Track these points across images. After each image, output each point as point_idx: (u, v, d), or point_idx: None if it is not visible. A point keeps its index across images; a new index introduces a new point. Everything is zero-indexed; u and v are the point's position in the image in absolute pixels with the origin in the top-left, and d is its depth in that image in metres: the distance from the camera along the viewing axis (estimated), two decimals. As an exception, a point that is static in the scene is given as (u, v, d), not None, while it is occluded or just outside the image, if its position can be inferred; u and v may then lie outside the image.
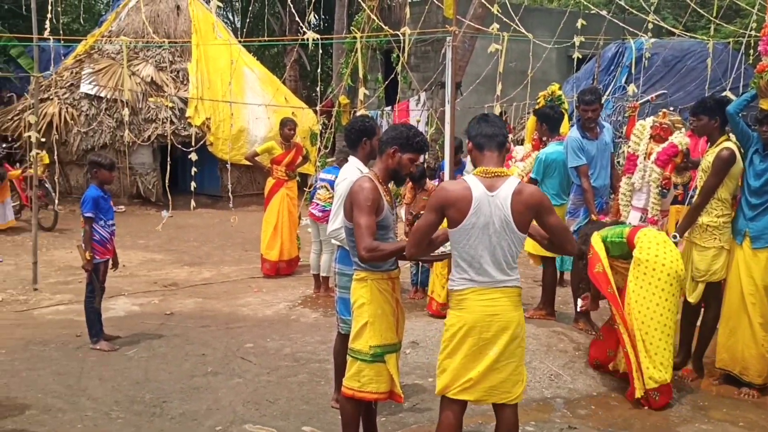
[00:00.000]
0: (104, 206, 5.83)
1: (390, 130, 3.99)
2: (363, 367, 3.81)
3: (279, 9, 21.35)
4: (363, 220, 3.67)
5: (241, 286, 8.39)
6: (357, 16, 11.04)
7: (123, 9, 15.42)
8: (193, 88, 14.21)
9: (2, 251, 9.68)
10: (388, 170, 3.90)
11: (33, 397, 4.81)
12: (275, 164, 8.73)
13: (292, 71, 18.85)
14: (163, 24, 14.99)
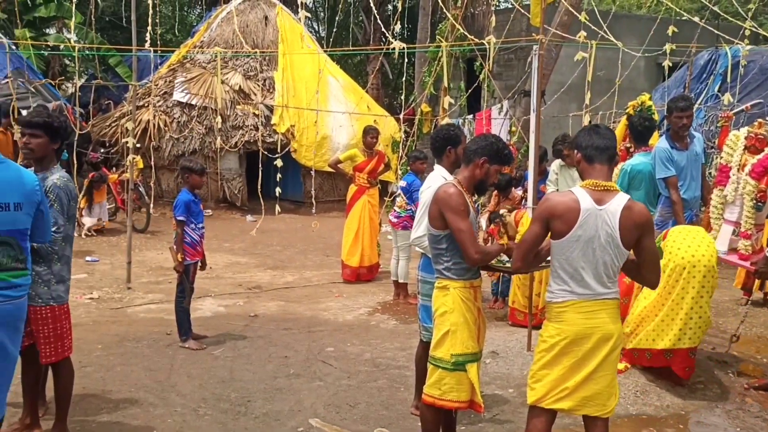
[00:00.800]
0: (195, 210, 6.06)
1: (479, 140, 4.00)
2: (444, 375, 3.82)
3: (363, 18, 21.65)
4: (463, 224, 3.70)
5: (323, 290, 8.54)
6: (441, 25, 11.06)
7: (214, 20, 15.99)
8: (278, 96, 14.58)
9: (99, 251, 10.17)
10: (475, 180, 3.91)
11: (126, 392, 5.04)
12: (357, 171, 8.85)
13: (374, 80, 19.05)
14: (252, 34, 15.46)
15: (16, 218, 3.32)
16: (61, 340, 4.10)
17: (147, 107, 13.94)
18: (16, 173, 3.38)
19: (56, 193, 3.94)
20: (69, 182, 4.05)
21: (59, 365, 4.15)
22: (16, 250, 3.33)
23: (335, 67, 16.52)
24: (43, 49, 16.02)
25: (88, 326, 6.54)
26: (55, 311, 4.06)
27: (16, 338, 3.43)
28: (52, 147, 4.05)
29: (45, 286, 4.00)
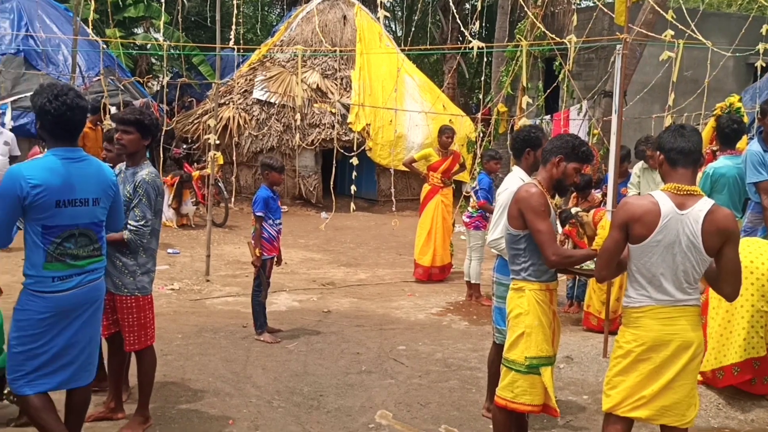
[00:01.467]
0: (273, 206, 6.19)
1: (555, 139, 3.93)
2: (517, 378, 3.77)
3: (440, 17, 21.59)
4: (543, 225, 3.65)
5: (395, 289, 8.57)
6: (520, 24, 10.92)
7: (294, 19, 16.27)
8: (355, 95, 14.71)
9: (179, 244, 10.51)
10: (552, 180, 3.83)
11: (204, 381, 5.19)
12: (431, 171, 8.84)
13: (451, 79, 18.98)
14: (331, 33, 15.64)
15: (94, 212, 3.49)
16: (144, 329, 4.26)
17: (228, 105, 14.31)
18: (96, 169, 3.55)
19: (144, 188, 4.10)
20: (156, 178, 4.21)
21: (142, 353, 4.31)
22: (92, 240, 3.50)
23: (412, 66, 16.55)
24: (131, 48, 16.66)
25: (169, 316, 6.77)
26: (140, 301, 4.22)
27: (97, 315, 3.62)
28: (142, 143, 4.22)
29: (131, 277, 4.16)
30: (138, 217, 4.08)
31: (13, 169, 3.33)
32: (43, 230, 3.32)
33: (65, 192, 3.33)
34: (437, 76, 22.86)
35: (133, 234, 4.07)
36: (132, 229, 4.07)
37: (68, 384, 3.53)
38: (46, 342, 3.37)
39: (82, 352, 3.51)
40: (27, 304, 3.36)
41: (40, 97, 3.33)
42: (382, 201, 14.74)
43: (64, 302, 3.39)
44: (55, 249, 3.34)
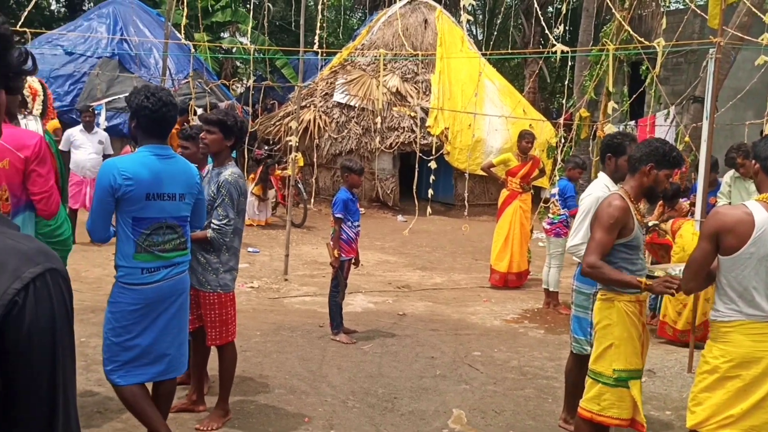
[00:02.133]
0: (352, 208, 6.25)
1: (642, 146, 3.80)
2: (604, 390, 3.67)
3: (522, 21, 21.35)
4: (598, 235, 3.58)
5: (470, 294, 8.51)
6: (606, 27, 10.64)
7: (375, 23, 16.41)
8: (434, 98, 14.71)
9: (259, 244, 10.75)
10: (643, 188, 3.72)
11: (281, 378, 5.30)
12: (510, 176, 8.74)
13: (532, 83, 18.73)
14: (411, 37, 15.71)
15: (179, 207, 3.64)
16: (225, 326, 4.38)
17: (309, 107, 14.56)
18: (183, 167, 3.71)
19: (227, 188, 4.21)
20: (240, 178, 4.32)
21: (223, 348, 4.43)
22: (178, 234, 3.64)
23: (492, 70, 16.42)
24: (218, 51, 17.18)
25: (248, 313, 6.94)
26: (222, 298, 4.34)
27: (184, 308, 3.76)
28: (225, 143, 4.33)
29: (214, 274, 4.29)
30: (221, 216, 4.19)
31: (108, 162, 3.54)
32: (134, 222, 3.49)
33: (155, 186, 3.49)
34: (518, 80, 22.62)
35: (216, 233, 4.19)
36: (215, 228, 4.19)
37: (163, 375, 3.68)
38: (138, 333, 3.52)
39: (173, 344, 3.66)
40: (119, 296, 3.52)
41: (137, 96, 3.50)
42: (459, 205, 14.67)
43: (152, 294, 3.54)
44: (144, 240, 3.50)
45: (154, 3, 18.13)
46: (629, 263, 3.65)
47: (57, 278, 1.08)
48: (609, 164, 4.44)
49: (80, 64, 13.99)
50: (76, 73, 13.76)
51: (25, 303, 1.03)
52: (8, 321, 1.02)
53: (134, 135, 3.65)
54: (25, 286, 1.03)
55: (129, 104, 3.55)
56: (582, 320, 4.48)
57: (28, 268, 1.05)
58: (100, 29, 14.55)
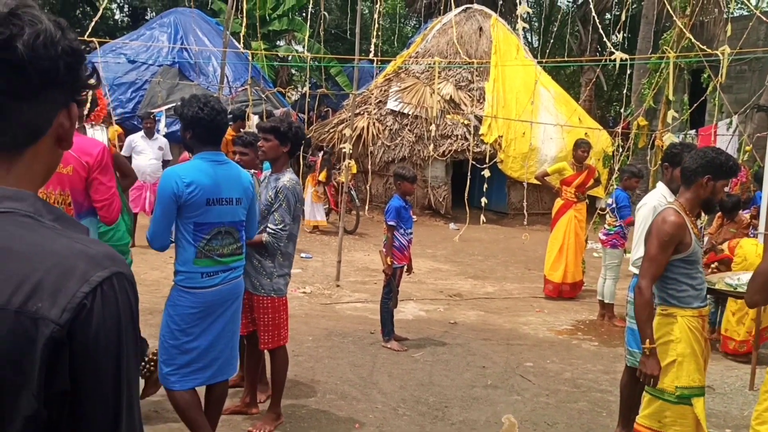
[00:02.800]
0: (405, 216, 6.26)
1: (697, 158, 3.67)
2: (666, 408, 3.57)
3: (579, 28, 21.07)
4: (652, 253, 3.54)
5: (523, 304, 8.42)
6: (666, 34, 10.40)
7: (430, 31, 16.43)
8: (488, 106, 14.63)
9: (312, 249, 10.85)
10: (699, 200, 3.64)
11: (333, 383, 5.33)
12: (565, 185, 8.62)
13: (588, 91, 18.46)
14: (466, 45, 15.67)
15: (236, 211, 3.72)
16: (278, 330, 4.43)
17: (363, 115, 14.65)
18: (236, 172, 3.79)
19: (285, 194, 4.28)
20: (297, 185, 4.38)
21: (275, 352, 4.49)
22: (235, 238, 3.72)
23: (547, 78, 16.25)
24: (275, 60, 17.46)
25: (300, 318, 7.01)
26: (275, 302, 4.40)
27: (238, 311, 3.85)
28: (281, 149, 4.39)
29: (268, 278, 4.35)
30: (277, 221, 4.25)
31: (168, 170, 3.64)
32: (195, 228, 3.57)
33: (214, 191, 3.57)
34: (573, 88, 22.31)
35: (272, 237, 4.25)
36: (271, 232, 4.25)
37: (215, 378, 3.75)
38: (196, 336, 3.60)
39: (227, 346, 3.73)
40: (178, 299, 3.61)
41: (189, 107, 3.57)
42: (512, 214, 14.55)
43: (211, 297, 3.62)
44: (204, 246, 3.58)
45: (213, 12, 18.56)
46: (689, 278, 3.57)
47: (123, 282, 1.10)
48: (666, 174, 4.42)
49: (142, 72, 14.40)
50: (138, 81, 14.18)
51: (93, 306, 1.06)
52: (77, 324, 1.04)
53: (189, 145, 3.73)
54: (93, 290, 1.06)
55: (182, 116, 3.61)
56: (636, 332, 4.38)
57: (96, 272, 1.07)
58: (162, 38, 14.96)
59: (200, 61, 14.60)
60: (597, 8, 19.24)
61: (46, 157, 1.18)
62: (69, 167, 3.52)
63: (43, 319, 1.03)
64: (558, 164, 9.22)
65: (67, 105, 1.16)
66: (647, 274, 3.52)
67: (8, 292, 1.03)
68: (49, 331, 1.03)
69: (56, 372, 1.04)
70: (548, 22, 22.84)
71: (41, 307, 1.03)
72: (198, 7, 17.98)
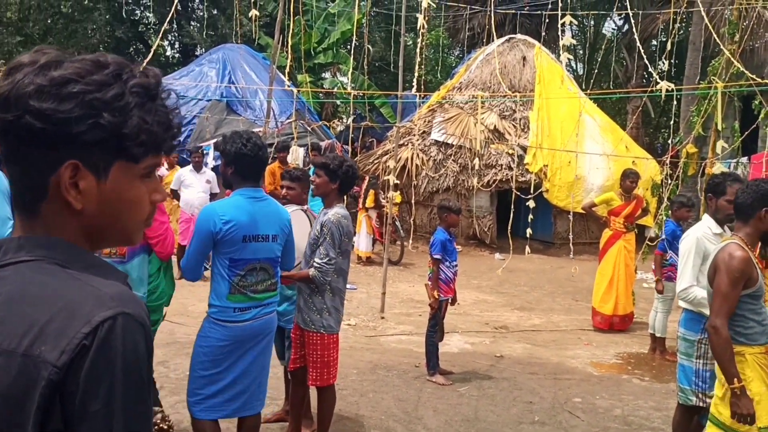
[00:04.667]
0: (450, 248, 6.24)
1: (750, 192, 3.60)
2: None
3: (624, 55, 20.89)
4: (724, 290, 3.44)
5: (570, 336, 8.27)
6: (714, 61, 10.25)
7: (473, 62, 16.50)
8: (533, 135, 14.56)
9: (357, 280, 10.87)
10: (759, 233, 3.56)
11: (377, 418, 5.30)
12: (613, 215, 8.49)
13: (635, 119, 18.23)
14: (509, 74, 15.67)
15: (272, 248, 3.77)
16: (327, 367, 4.42)
17: (407, 146, 14.72)
18: (275, 208, 3.85)
19: (329, 228, 4.29)
20: (343, 219, 4.35)
21: (323, 390, 4.48)
22: (270, 275, 3.76)
23: (593, 106, 16.11)
24: (320, 94, 17.73)
25: (345, 351, 6.99)
26: (324, 339, 4.38)
27: (269, 347, 3.88)
28: (331, 186, 4.41)
29: (318, 314, 4.36)
30: (322, 255, 4.26)
31: (208, 207, 3.73)
32: (230, 263, 3.64)
33: (251, 228, 3.64)
34: (620, 116, 22.06)
35: (318, 271, 4.26)
36: (317, 266, 4.26)
37: (241, 411, 3.78)
38: (225, 369, 3.65)
39: (254, 381, 3.77)
40: (210, 331, 3.67)
41: (233, 144, 3.65)
42: (558, 244, 14.36)
43: (242, 332, 3.67)
44: (239, 281, 3.64)
45: (260, 47, 18.97)
46: (755, 313, 3.48)
47: (130, 322, 1.07)
48: (710, 205, 4.35)
49: (191, 107, 14.78)
50: (187, 115, 14.54)
51: (91, 346, 1.03)
52: (74, 364, 1.03)
53: (229, 180, 3.79)
54: (93, 330, 1.04)
55: (225, 152, 3.69)
56: (687, 368, 4.29)
57: (99, 312, 1.05)
58: (210, 74, 15.35)
59: (247, 96, 14.91)
60: (643, 35, 19.07)
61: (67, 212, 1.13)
62: None
63: (44, 362, 1.02)
64: (605, 194, 9.09)
65: (80, 159, 1.11)
66: (721, 313, 3.43)
67: (19, 335, 1.04)
68: (47, 374, 1.02)
69: (51, 414, 1.03)
70: (593, 50, 22.71)
71: (44, 350, 1.02)
72: (245, 42, 18.42)
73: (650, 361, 7.29)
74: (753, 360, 3.46)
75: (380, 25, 23.21)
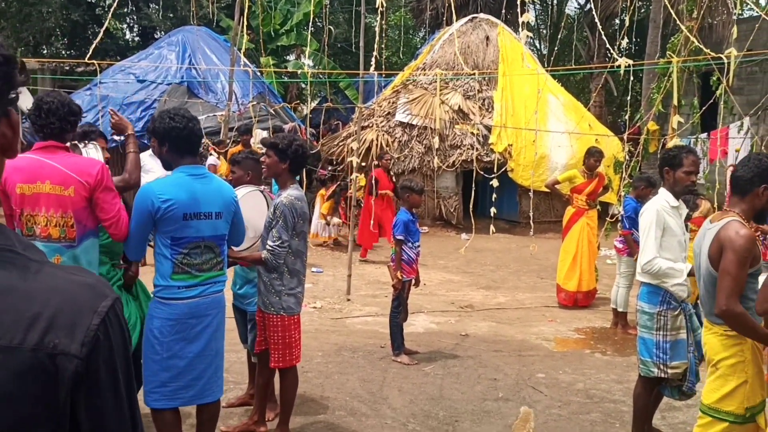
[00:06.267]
0: (412, 229, 6.23)
1: (750, 167, 3.48)
2: (734, 429, 3.44)
3: (587, 34, 21.02)
4: (734, 271, 3.29)
5: (535, 314, 8.35)
6: (673, 38, 10.34)
7: (437, 42, 16.44)
8: (497, 115, 14.60)
9: (323, 264, 10.84)
10: (755, 210, 3.49)
11: (342, 399, 5.29)
12: (576, 193, 8.56)
13: (597, 97, 18.38)
14: (473, 54, 15.66)
15: (216, 225, 3.71)
16: (289, 349, 4.38)
17: (371, 127, 14.65)
18: (217, 185, 3.79)
19: (281, 210, 4.20)
20: (296, 201, 4.24)
21: (285, 372, 4.45)
22: (216, 253, 3.72)
23: (556, 85, 16.19)
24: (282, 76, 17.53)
25: (310, 334, 6.98)
26: (285, 321, 4.34)
27: (220, 329, 3.81)
28: (281, 166, 4.31)
29: (277, 296, 4.31)
30: (274, 238, 4.19)
31: (145, 187, 3.62)
32: (172, 242, 3.58)
33: (192, 206, 3.58)
34: (583, 94, 22.23)
35: (270, 253, 4.18)
36: (269, 249, 4.19)
37: (198, 399, 3.73)
38: (176, 353, 3.59)
39: (209, 366, 3.71)
40: (155, 311, 3.63)
41: (161, 121, 3.62)
42: (524, 223, 14.45)
43: (188, 309, 3.61)
44: (182, 260, 3.59)
45: (221, 30, 18.67)
46: (753, 292, 3.43)
47: (119, 306, 1.15)
48: (668, 178, 4.32)
49: (151, 91, 14.48)
50: (147, 100, 14.26)
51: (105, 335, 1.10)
52: (93, 355, 1.08)
53: (167, 160, 3.72)
54: (102, 320, 1.10)
55: (155, 131, 3.64)
56: (647, 341, 4.35)
57: (101, 302, 1.11)
58: (170, 57, 15.05)
59: (208, 79, 14.68)
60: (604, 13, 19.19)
61: None
62: (71, 188, 3.52)
63: (65, 355, 1.06)
64: (568, 172, 9.16)
65: (6, 114, 1.13)
66: (733, 294, 3.27)
67: (22, 330, 1.05)
68: (74, 366, 1.06)
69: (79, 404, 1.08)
70: (556, 30, 22.79)
71: (59, 343, 1.06)
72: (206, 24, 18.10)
73: (612, 336, 7.39)
74: (751, 342, 3.42)
75: (344, 6, 23.00)
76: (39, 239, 3.52)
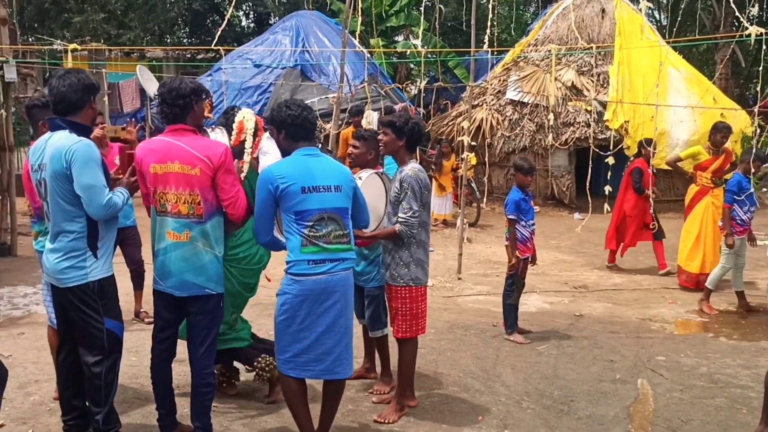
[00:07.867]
0: (525, 207, 6.16)
1: None
2: None
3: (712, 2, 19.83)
4: None
5: (654, 295, 8.06)
6: (809, 3, 9.58)
7: (549, 17, 16.01)
8: (613, 91, 14.08)
9: (433, 242, 10.87)
10: None
11: (455, 376, 5.35)
12: (699, 170, 8.16)
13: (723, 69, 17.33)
14: (588, 28, 15.15)
15: (337, 198, 3.84)
16: (416, 320, 4.53)
17: (481, 106, 14.50)
18: (333, 163, 3.97)
19: (408, 182, 4.39)
20: (420, 172, 4.47)
21: (405, 343, 4.57)
22: (340, 225, 3.83)
23: (677, 57, 15.40)
24: (392, 56, 17.64)
25: (423, 311, 7.06)
26: (413, 292, 4.48)
27: (350, 307, 3.94)
28: (398, 143, 4.51)
29: (405, 268, 4.45)
30: (405, 209, 4.36)
31: (264, 170, 3.84)
32: (296, 216, 3.75)
33: (308, 179, 3.75)
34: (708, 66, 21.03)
35: (404, 225, 4.36)
36: (401, 221, 4.36)
37: (327, 374, 3.89)
38: (306, 326, 3.76)
39: (339, 342, 3.84)
40: (287, 287, 3.80)
41: (279, 111, 3.85)
42: (641, 202, 13.90)
43: (317, 285, 3.75)
44: (308, 233, 3.75)
45: (332, 13, 18.99)
46: None
47: None
48: None
49: (267, 75, 14.99)
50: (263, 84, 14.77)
51: None
52: None
53: (284, 147, 3.91)
54: None
55: (273, 120, 3.85)
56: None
57: None
58: (284, 41, 15.50)
59: (321, 62, 15.00)
60: (731, -20, 18.01)
61: None
62: (197, 168, 3.74)
63: None
64: (692, 149, 8.74)
65: None
66: None
67: None
68: None
69: None
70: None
71: None
72: (318, 8, 18.48)
73: (738, 319, 7.04)
74: None
75: (453, -16, 22.79)
76: (170, 215, 3.78)
